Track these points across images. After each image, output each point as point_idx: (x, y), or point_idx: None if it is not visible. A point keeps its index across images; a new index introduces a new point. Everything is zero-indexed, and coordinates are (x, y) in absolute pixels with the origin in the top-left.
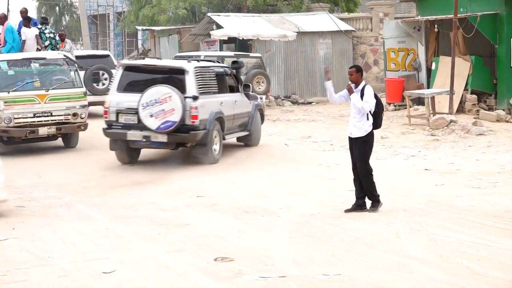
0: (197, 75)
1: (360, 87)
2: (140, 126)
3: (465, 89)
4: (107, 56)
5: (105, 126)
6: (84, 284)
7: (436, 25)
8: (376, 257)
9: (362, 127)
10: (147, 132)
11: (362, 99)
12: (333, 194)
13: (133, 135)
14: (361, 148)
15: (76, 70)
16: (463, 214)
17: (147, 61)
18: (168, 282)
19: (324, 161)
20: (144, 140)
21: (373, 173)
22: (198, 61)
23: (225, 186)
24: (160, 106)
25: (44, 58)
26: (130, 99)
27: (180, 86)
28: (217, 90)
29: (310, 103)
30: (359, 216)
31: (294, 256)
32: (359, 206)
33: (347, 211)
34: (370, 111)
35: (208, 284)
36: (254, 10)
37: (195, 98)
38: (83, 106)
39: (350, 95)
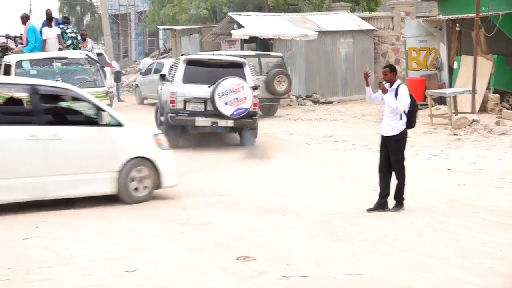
0: (251, 69)
1: (395, 86)
2: (205, 113)
3: (488, 88)
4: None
5: (171, 114)
6: (106, 283)
7: (457, 24)
8: (398, 256)
9: (395, 126)
10: (215, 118)
11: (396, 99)
12: (354, 194)
13: (201, 121)
14: (395, 148)
15: (98, 70)
16: (485, 214)
17: (210, 56)
18: (189, 282)
19: (345, 161)
20: (214, 125)
21: (385, 177)
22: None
23: (246, 185)
24: (234, 95)
25: (66, 58)
26: (196, 90)
27: (241, 78)
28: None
29: (331, 102)
30: (381, 216)
31: (315, 255)
32: (381, 206)
33: (369, 210)
34: (404, 111)
35: (230, 283)
36: (275, 9)
37: (255, 88)
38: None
39: (383, 94)
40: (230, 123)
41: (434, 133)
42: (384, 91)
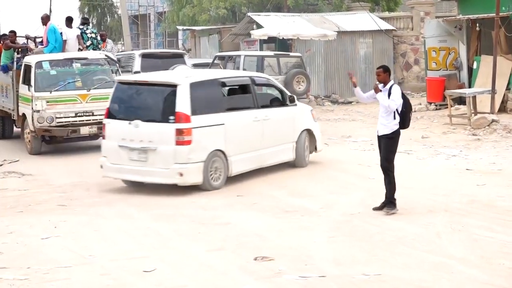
0: (188, 57)
1: (388, 86)
2: None
3: (507, 88)
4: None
5: None
6: (125, 283)
7: (477, 24)
8: (416, 257)
9: (388, 125)
10: None
11: (389, 98)
12: (373, 194)
13: None
14: (386, 146)
15: (118, 70)
16: (505, 214)
17: (158, 50)
18: (208, 281)
19: (364, 161)
20: None
21: (394, 173)
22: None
23: (264, 185)
24: None
25: (85, 58)
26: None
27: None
28: None
29: (350, 102)
30: (400, 216)
31: (334, 255)
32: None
33: (375, 209)
34: (397, 110)
35: (248, 283)
36: (294, 9)
37: None
38: None
39: (376, 94)
40: None
41: (453, 133)
42: (377, 90)
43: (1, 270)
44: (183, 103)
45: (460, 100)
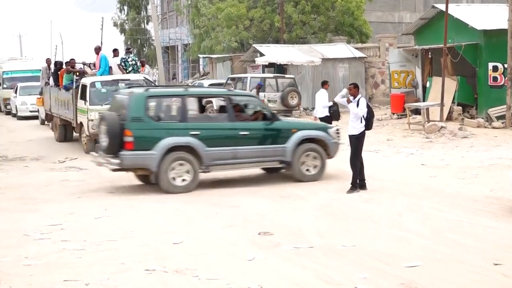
0: None
1: (357, 98)
2: None
3: (453, 102)
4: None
5: None
6: (159, 251)
7: (429, 53)
8: (382, 231)
9: (356, 127)
10: None
11: (357, 107)
12: (349, 182)
13: None
14: (354, 143)
15: None
16: (451, 198)
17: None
18: (223, 250)
19: (342, 157)
20: None
21: (361, 164)
22: None
23: (265, 175)
24: None
25: (128, 80)
26: None
27: None
28: None
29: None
30: (369, 200)
31: (319, 230)
32: (354, 187)
33: (347, 192)
34: (363, 116)
35: (254, 252)
36: (288, 41)
37: None
38: None
39: (348, 104)
40: None
41: (411, 136)
42: (348, 101)
43: (64, 242)
44: None
45: (416, 111)
